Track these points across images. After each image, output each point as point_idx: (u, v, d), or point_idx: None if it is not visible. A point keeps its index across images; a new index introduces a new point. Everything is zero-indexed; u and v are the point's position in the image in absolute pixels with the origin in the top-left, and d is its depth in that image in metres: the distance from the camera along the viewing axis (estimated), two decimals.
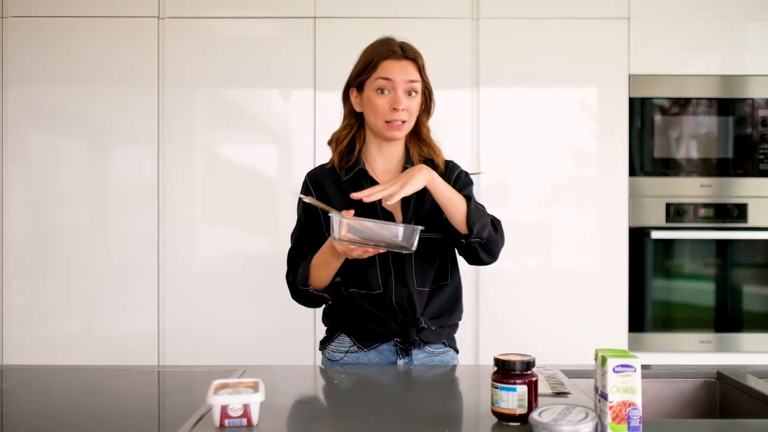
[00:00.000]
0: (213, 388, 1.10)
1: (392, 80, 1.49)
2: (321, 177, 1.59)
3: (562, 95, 2.64)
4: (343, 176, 1.56)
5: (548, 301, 2.61)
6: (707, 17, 2.63)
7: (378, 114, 1.51)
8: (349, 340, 1.57)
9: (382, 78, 1.50)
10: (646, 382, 1.35)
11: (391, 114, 1.50)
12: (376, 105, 1.51)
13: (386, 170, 1.59)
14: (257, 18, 2.63)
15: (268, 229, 2.61)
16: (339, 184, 1.57)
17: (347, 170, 1.57)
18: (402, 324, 1.55)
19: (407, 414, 1.20)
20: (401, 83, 1.50)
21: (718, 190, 2.63)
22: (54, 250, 2.60)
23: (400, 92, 1.50)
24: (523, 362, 1.10)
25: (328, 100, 2.59)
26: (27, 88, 2.60)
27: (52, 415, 1.24)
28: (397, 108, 1.49)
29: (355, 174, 1.56)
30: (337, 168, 1.58)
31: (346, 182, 1.56)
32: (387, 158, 1.59)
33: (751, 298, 2.67)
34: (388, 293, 1.54)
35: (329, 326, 1.64)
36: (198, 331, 2.58)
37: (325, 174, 1.59)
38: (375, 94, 1.51)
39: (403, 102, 1.50)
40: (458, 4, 2.61)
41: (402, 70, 1.51)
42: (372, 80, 1.51)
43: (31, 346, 2.58)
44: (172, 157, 2.60)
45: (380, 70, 1.50)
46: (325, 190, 1.57)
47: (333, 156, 1.60)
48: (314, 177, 1.60)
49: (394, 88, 1.50)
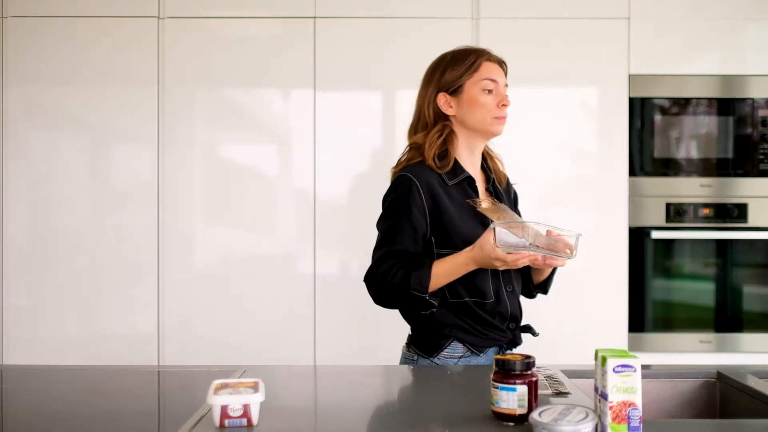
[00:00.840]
0: (213, 388, 1.10)
1: (496, 81, 1.59)
2: (429, 179, 1.53)
3: (562, 95, 2.64)
4: (449, 181, 1.56)
5: (548, 301, 2.60)
6: (707, 17, 2.63)
7: (486, 111, 1.58)
8: (463, 347, 1.56)
9: (489, 79, 1.58)
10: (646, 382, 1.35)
11: (498, 110, 1.59)
12: (484, 102, 1.58)
13: (475, 171, 1.63)
14: (257, 18, 2.63)
15: (268, 229, 2.61)
16: (447, 190, 1.55)
17: (448, 175, 1.56)
18: (513, 330, 1.62)
19: (407, 414, 1.20)
20: (501, 84, 1.61)
21: (718, 190, 2.63)
22: (54, 250, 2.60)
23: (503, 90, 1.61)
24: (523, 362, 1.10)
25: (328, 100, 2.59)
26: (27, 88, 2.60)
27: (52, 415, 1.24)
28: (506, 104, 1.59)
29: (461, 181, 1.58)
30: (436, 171, 1.55)
31: (452, 187, 1.56)
32: (475, 163, 1.65)
33: (751, 298, 2.67)
34: (502, 302, 1.58)
35: (438, 333, 1.56)
36: (198, 331, 2.58)
37: (431, 176, 1.54)
38: (481, 93, 1.58)
39: (507, 98, 1.60)
40: (458, 4, 2.61)
41: (499, 72, 1.62)
42: (475, 81, 1.58)
43: (31, 346, 2.58)
44: (172, 157, 2.60)
45: (483, 70, 1.59)
46: (435, 196, 1.53)
47: (428, 160, 1.55)
48: (422, 178, 1.53)
49: (497, 87, 1.60)
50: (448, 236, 1.53)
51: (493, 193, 1.64)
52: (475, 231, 1.51)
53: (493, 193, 1.64)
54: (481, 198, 1.54)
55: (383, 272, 1.50)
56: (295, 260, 2.61)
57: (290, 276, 2.60)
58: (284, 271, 2.61)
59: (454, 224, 1.52)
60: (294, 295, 2.58)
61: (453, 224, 1.52)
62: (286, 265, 2.61)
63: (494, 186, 1.66)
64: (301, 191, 2.59)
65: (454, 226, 1.52)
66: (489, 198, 1.55)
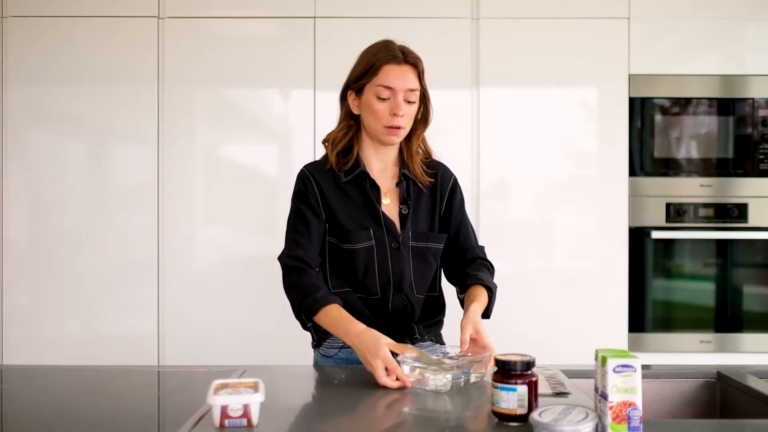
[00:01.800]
0: (213, 388, 1.10)
1: (393, 88, 1.51)
2: (320, 175, 1.59)
3: (562, 95, 2.64)
4: (343, 177, 1.57)
5: (548, 301, 2.61)
6: (707, 17, 2.63)
7: (378, 119, 1.52)
8: None
9: (383, 86, 1.51)
10: (647, 382, 1.35)
11: (390, 119, 1.52)
12: (377, 110, 1.52)
13: (382, 171, 1.61)
14: (257, 18, 2.63)
15: (268, 229, 2.61)
16: (339, 185, 1.58)
17: (346, 172, 1.57)
18: (396, 327, 1.57)
19: (407, 414, 1.20)
20: (401, 91, 1.51)
21: (718, 190, 2.62)
22: (54, 250, 2.59)
23: (400, 98, 1.51)
24: (523, 362, 1.10)
25: (328, 100, 2.59)
26: (27, 88, 2.60)
27: (52, 415, 1.24)
28: (397, 113, 1.51)
29: (356, 176, 1.57)
30: (335, 168, 1.58)
31: (346, 183, 1.57)
32: (383, 161, 1.61)
33: (751, 298, 2.67)
34: (386, 299, 1.56)
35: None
36: (198, 331, 2.58)
37: (324, 172, 1.59)
38: (375, 100, 1.52)
39: (402, 108, 1.51)
40: (458, 4, 2.61)
41: (403, 76, 1.51)
42: (372, 85, 1.52)
43: (31, 346, 2.58)
44: (172, 157, 2.60)
45: (381, 75, 1.51)
46: (323, 189, 1.57)
47: (330, 156, 1.59)
48: (313, 172, 1.59)
49: (395, 94, 1.51)
50: (335, 227, 1.55)
51: (404, 192, 1.59)
52: (360, 222, 1.54)
53: (403, 192, 1.59)
54: (407, 348, 1.37)
55: (287, 285, 1.55)
56: None
57: None
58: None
59: (338, 217, 1.55)
60: None
61: (337, 216, 1.55)
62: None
63: (409, 186, 1.60)
64: None
65: (338, 218, 1.55)
66: (416, 350, 1.37)
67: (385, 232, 1.55)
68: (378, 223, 1.55)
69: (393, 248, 1.56)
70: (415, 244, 1.58)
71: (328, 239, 1.57)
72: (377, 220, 1.56)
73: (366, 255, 1.55)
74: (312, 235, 1.55)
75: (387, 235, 1.55)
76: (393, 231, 1.56)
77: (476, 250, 1.67)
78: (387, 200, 1.58)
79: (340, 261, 1.57)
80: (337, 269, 1.58)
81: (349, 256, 1.55)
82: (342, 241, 1.55)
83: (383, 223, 1.55)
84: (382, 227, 1.55)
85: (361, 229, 1.55)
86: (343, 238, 1.55)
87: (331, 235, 1.57)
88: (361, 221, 1.55)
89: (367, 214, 1.56)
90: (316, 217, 1.56)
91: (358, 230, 1.54)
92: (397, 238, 1.56)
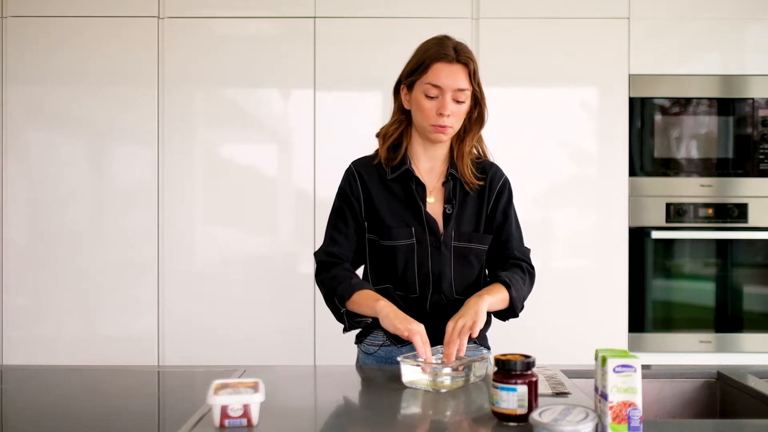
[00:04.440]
0: (213, 388, 1.10)
1: (441, 87, 1.49)
2: (366, 171, 1.58)
3: (562, 95, 2.64)
4: (389, 174, 1.57)
5: (548, 301, 2.60)
6: (707, 17, 2.63)
7: (425, 117, 1.52)
8: (383, 336, 1.57)
9: (432, 84, 1.49)
10: (647, 382, 1.35)
11: (437, 119, 1.50)
12: (424, 108, 1.51)
13: (430, 170, 1.60)
14: (257, 18, 2.63)
15: (268, 229, 2.61)
16: (385, 182, 1.57)
17: (393, 168, 1.57)
18: (435, 327, 1.52)
19: (408, 414, 1.20)
20: (449, 90, 1.49)
21: (718, 190, 2.63)
22: (54, 250, 2.60)
23: (448, 98, 1.49)
24: (523, 362, 1.10)
25: (328, 100, 2.60)
26: (27, 88, 2.60)
27: (52, 415, 1.24)
28: (443, 113, 1.49)
29: (402, 173, 1.57)
30: (383, 164, 1.58)
31: (391, 180, 1.57)
32: (431, 159, 1.60)
33: (751, 298, 2.67)
34: (425, 298, 1.56)
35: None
36: (198, 331, 2.58)
37: (371, 168, 1.59)
38: (423, 97, 1.51)
39: (449, 108, 1.49)
40: (458, 4, 2.61)
41: (452, 75, 1.49)
42: (422, 83, 1.51)
43: (31, 346, 2.58)
44: (172, 157, 2.60)
45: (430, 73, 1.49)
46: (367, 186, 1.57)
47: (380, 150, 1.59)
48: (359, 169, 1.59)
49: (443, 93, 1.49)
50: (377, 223, 1.56)
51: (449, 192, 1.57)
52: (402, 219, 1.54)
53: (449, 192, 1.57)
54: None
55: (321, 278, 1.55)
56: (295, 260, 2.61)
57: (290, 276, 2.60)
58: (284, 271, 2.61)
59: (380, 213, 1.55)
60: (294, 295, 2.57)
61: (380, 213, 1.55)
62: (286, 265, 2.61)
63: (455, 187, 1.58)
64: (300, 191, 2.59)
65: (381, 214, 1.55)
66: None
67: (427, 231, 1.54)
68: (420, 222, 1.54)
69: (434, 247, 1.55)
70: (457, 244, 1.56)
71: (367, 236, 1.57)
72: (419, 218, 1.55)
73: (406, 252, 1.54)
74: (349, 233, 1.56)
75: (428, 234, 1.54)
76: (435, 230, 1.55)
77: (515, 251, 1.61)
78: (432, 199, 1.58)
79: (381, 258, 1.57)
80: (377, 266, 1.58)
81: (390, 253, 1.55)
82: (382, 237, 1.55)
83: (425, 222, 1.54)
84: (424, 226, 1.54)
85: (403, 227, 1.54)
86: (384, 234, 1.55)
87: (371, 232, 1.57)
88: (403, 218, 1.55)
89: (410, 212, 1.55)
90: (354, 217, 1.57)
91: (400, 227, 1.54)
92: (439, 237, 1.55)
